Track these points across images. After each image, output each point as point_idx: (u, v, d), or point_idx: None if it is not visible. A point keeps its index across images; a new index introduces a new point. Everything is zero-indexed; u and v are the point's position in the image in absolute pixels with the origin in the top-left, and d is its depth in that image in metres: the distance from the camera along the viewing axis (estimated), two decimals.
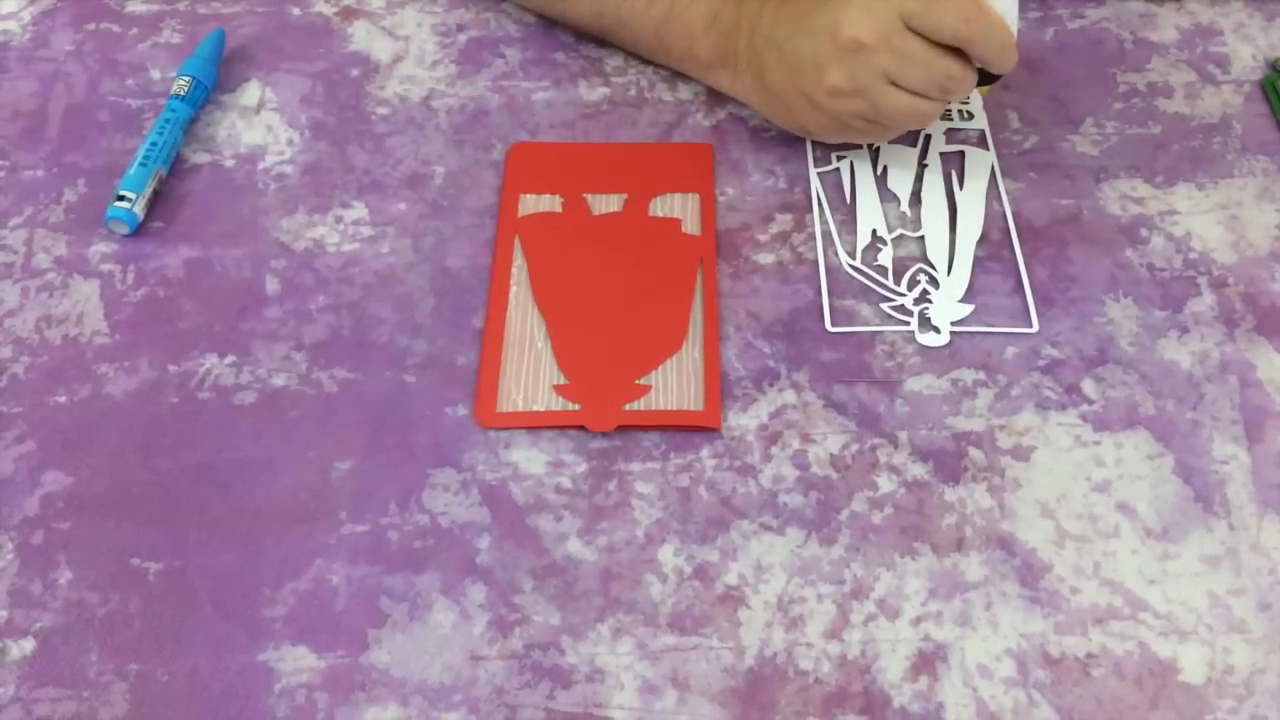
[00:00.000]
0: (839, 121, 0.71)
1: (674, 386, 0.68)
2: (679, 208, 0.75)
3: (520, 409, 0.67)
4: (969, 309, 0.71)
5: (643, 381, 0.68)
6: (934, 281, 0.72)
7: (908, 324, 0.70)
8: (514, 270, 0.73)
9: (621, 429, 0.66)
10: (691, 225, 0.74)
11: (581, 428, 0.66)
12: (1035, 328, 0.70)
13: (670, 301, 0.71)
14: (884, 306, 0.71)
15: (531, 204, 0.75)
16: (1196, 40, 0.85)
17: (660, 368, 0.69)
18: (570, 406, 0.67)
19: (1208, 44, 0.84)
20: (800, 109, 0.72)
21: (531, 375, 0.68)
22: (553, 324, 0.70)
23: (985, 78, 0.70)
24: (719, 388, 0.68)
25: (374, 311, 0.71)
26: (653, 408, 0.67)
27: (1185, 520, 0.64)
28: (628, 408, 0.67)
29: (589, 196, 0.76)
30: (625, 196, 0.76)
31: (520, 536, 0.63)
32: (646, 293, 0.72)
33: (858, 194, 0.76)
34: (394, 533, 0.63)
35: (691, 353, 0.69)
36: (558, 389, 0.68)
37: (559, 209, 0.75)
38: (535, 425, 0.66)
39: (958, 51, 0.67)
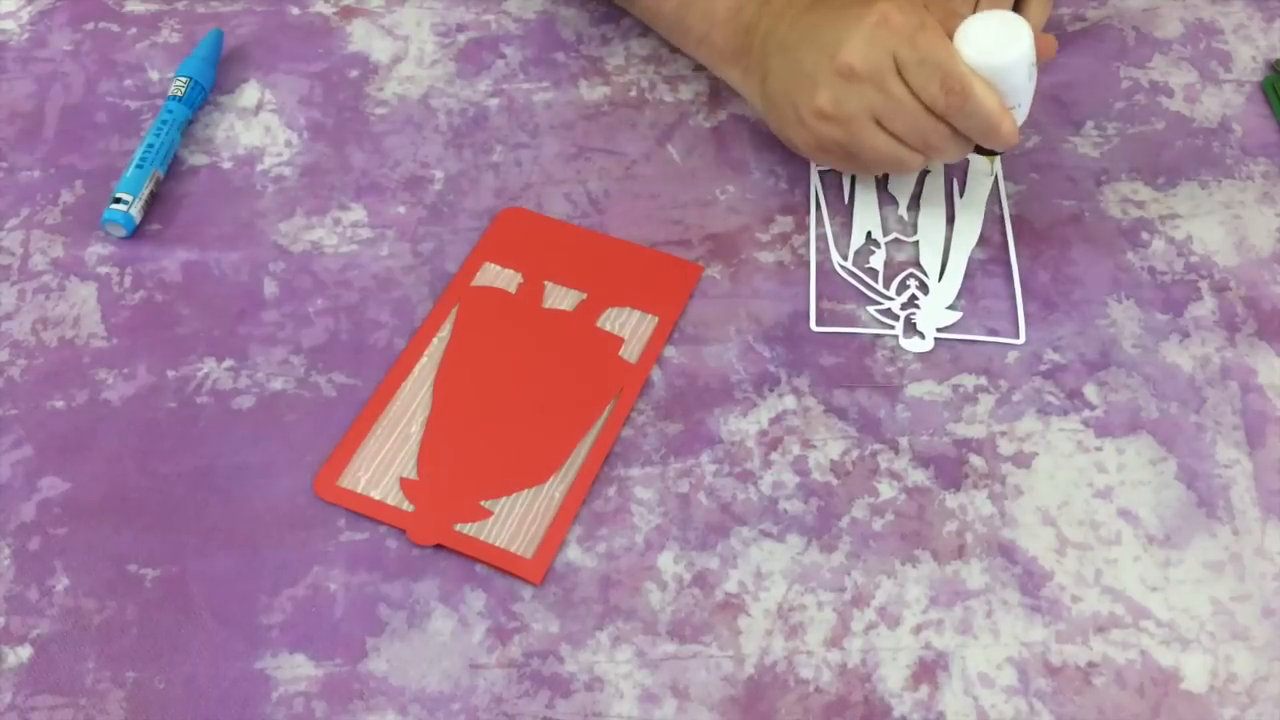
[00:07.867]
0: (820, 144, 0.70)
1: (515, 521, 0.62)
2: (631, 326, 0.69)
3: (359, 490, 0.63)
4: (956, 316, 0.70)
5: (487, 505, 0.63)
6: (924, 287, 0.71)
7: (893, 328, 0.70)
8: (435, 341, 0.68)
9: (441, 548, 0.62)
10: (634, 349, 0.68)
11: (403, 531, 0.62)
12: (1022, 339, 0.69)
13: (561, 429, 0.65)
14: (872, 310, 0.71)
15: (491, 275, 0.71)
16: (1200, 35, 0.84)
17: (512, 496, 0.63)
18: (405, 505, 0.63)
19: (1210, 40, 0.84)
20: (789, 121, 0.71)
21: (388, 459, 0.64)
22: (437, 412, 0.66)
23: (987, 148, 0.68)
24: (561, 539, 0.62)
25: (372, 315, 0.70)
26: (483, 537, 0.62)
27: (1188, 526, 0.63)
28: (457, 528, 0.62)
29: (549, 284, 0.71)
30: (584, 297, 0.70)
31: None
32: (542, 411, 0.66)
33: (857, 195, 0.75)
34: (392, 540, 0.62)
35: (552, 491, 0.63)
36: (403, 482, 0.63)
37: (514, 289, 0.70)
38: (362, 512, 0.63)
39: None
